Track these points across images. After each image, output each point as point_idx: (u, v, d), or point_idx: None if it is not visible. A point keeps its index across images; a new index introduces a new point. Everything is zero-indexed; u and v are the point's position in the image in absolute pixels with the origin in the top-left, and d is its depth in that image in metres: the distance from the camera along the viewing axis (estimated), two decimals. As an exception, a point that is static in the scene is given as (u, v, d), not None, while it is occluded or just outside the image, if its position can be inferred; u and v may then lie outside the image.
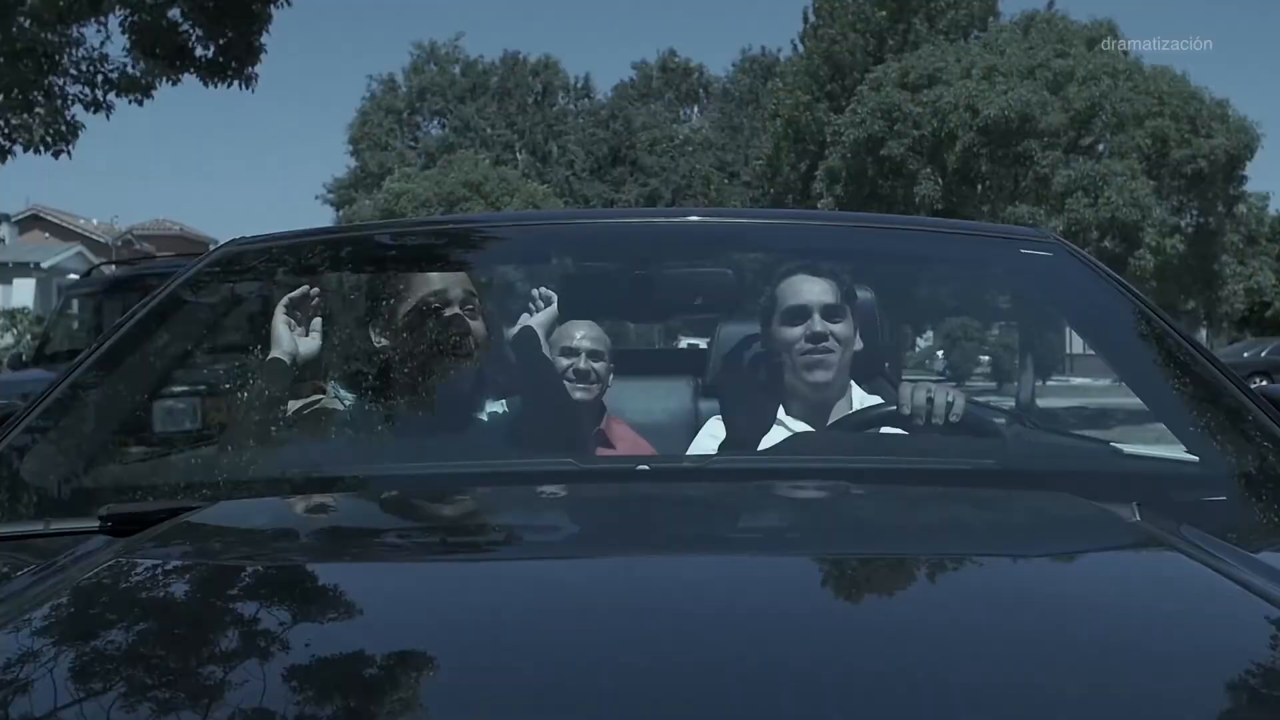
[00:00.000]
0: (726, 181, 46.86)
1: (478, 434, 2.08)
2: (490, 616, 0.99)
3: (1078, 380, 25.54)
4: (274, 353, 1.97)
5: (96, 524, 1.30)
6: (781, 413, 2.30)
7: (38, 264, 33.67)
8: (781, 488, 1.59)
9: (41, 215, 43.55)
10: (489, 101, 52.01)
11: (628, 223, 2.51)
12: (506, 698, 0.82)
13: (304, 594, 1.11)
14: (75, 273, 27.87)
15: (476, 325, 2.14)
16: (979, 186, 21.36)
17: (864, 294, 2.50)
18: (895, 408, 2.11)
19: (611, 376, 2.65)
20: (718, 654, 0.89)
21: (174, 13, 9.32)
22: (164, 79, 9.40)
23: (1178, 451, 1.73)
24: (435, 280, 2.14)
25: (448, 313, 2.12)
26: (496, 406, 2.19)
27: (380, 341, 2.16)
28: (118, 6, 9.04)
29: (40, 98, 8.84)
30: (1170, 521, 1.27)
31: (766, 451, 1.92)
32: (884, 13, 26.79)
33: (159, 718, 0.81)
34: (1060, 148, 20.30)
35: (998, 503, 1.49)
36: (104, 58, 9.41)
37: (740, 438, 2.30)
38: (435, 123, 52.64)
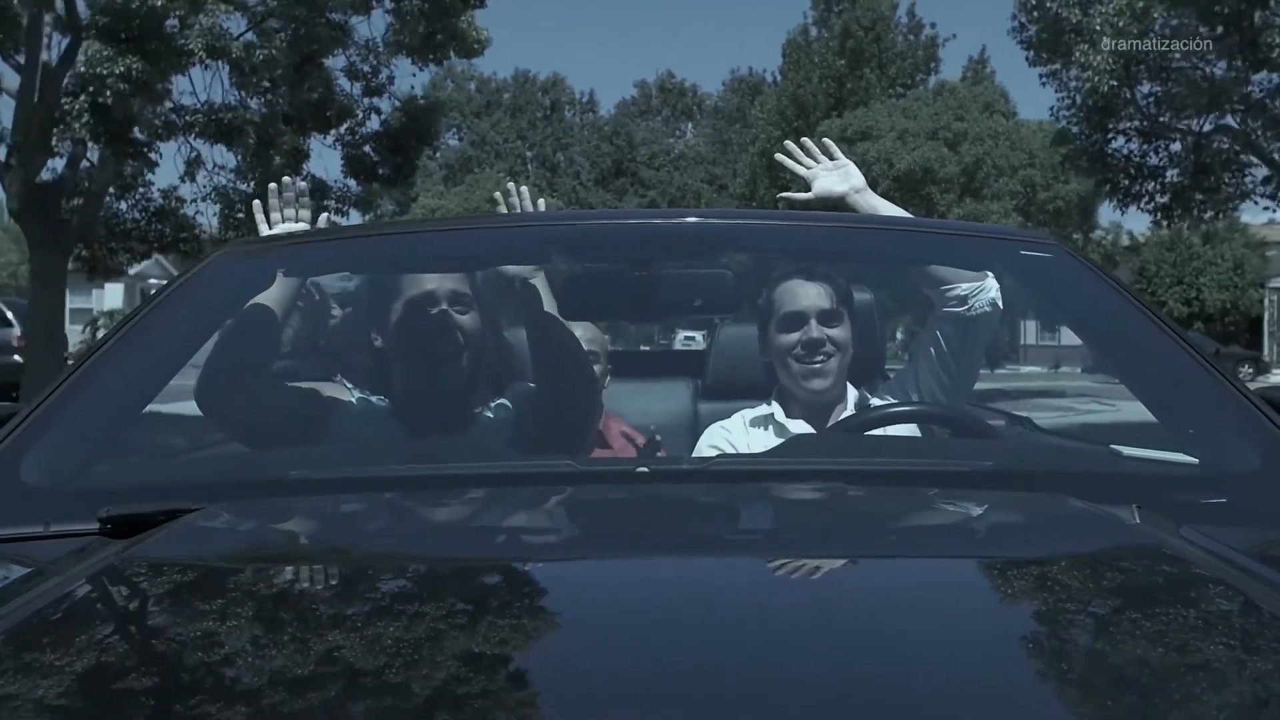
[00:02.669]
0: (716, 195, 50.18)
1: (479, 433, 2.07)
2: (490, 619, 0.99)
3: (1027, 369, 26.66)
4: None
5: (96, 526, 1.28)
6: (780, 414, 2.30)
7: (124, 269, 39.02)
8: (781, 490, 1.56)
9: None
10: (503, 116, 55.55)
11: (626, 223, 2.44)
12: (506, 699, 0.83)
13: (303, 596, 1.10)
14: (155, 277, 32.93)
15: (466, 320, 2.09)
16: (899, 221, 27.42)
17: (862, 296, 2.49)
18: (894, 409, 2.15)
19: (609, 379, 2.60)
20: (718, 656, 0.89)
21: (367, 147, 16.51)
22: (365, 191, 16.76)
23: (1174, 454, 1.71)
24: (422, 280, 2.09)
25: (434, 311, 2.07)
26: (501, 402, 2.17)
27: (377, 343, 2.18)
28: (337, 144, 16.23)
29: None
30: (1170, 523, 1.26)
31: (766, 454, 1.86)
32: (842, 61, 32.55)
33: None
34: (954, 192, 26.57)
35: (998, 505, 1.47)
36: (347, 188, 16.80)
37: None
38: (453, 135, 54.62)
